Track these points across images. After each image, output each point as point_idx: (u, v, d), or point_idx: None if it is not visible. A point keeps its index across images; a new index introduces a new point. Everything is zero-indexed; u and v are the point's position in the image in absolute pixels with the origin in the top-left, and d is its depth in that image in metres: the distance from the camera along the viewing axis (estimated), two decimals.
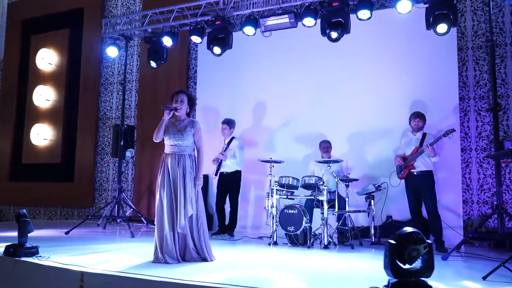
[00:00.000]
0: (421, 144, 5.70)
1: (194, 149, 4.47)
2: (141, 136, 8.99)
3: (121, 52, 8.16)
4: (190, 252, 4.33)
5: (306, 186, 5.89)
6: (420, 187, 5.65)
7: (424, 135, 5.78)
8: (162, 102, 9.14)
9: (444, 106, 6.25)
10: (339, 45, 6.79)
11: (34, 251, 4.43)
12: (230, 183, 6.85)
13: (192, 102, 4.55)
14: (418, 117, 5.85)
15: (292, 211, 5.68)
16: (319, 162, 6.13)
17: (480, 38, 6.89)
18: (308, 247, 5.49)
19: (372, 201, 5.93)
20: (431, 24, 5.43)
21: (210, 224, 7.52)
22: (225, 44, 6.50)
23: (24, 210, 4.57)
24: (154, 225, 4.35)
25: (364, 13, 5.58)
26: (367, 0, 5.48)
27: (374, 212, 5.93)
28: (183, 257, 4.35)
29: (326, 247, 5.46)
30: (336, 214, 5.81)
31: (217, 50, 6.59)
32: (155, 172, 8.98)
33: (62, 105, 10.34)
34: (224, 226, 6.86)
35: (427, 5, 5.41)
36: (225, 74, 8.00)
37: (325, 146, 6.42)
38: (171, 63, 8.57)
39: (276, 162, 6.16)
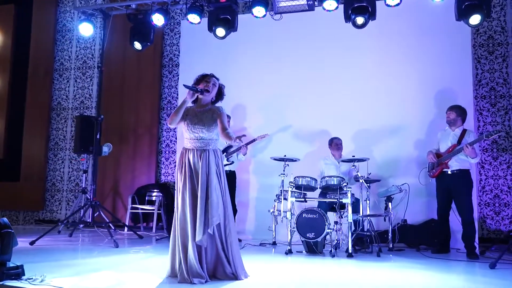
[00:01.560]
0: (459, 141, 5.23)
1: (217, 143, 3.71)
2: (105, 130, 7.88)
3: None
4: (223, 266, 3.56)
5: (326, 188, 5.29)
6: (454, 189, 5.19)
7: (464, 131, 5.29)
8: (130, 92, 8.39)
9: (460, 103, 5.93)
10: (346, 37, 6.43)
11: (19, 272, 3.44)
12: (229, 184, 6.09)
13: (220, 92, 3.79)
14: (450, 109, 5.38)
15: (313, 216, 5.06)
16: (345, 161, 5.56)
17: (482, 36, 6.74)
18: (333, 256, 4.90)
19: (390, 203, 5.48)
20: (462, 14, 5.06)
21: None
22: (230, 26, 5.72)
23: (6, 219, 3.53)
24: (128, 231, 3.49)
25: None
26: None
27: (392, 216, 5.49)
28: (214, 274, 3.57)
29: (350, 255, 4.91)
30: (359, 218, 5.27)
31: (220, 32, 5.79)
32: (121, 171, 7.99)
33: (5, 92, 8.90)
34: None
35: None
36: (214, 62, 7.18)
37: (338, 143, 5.89)
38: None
39: (291, 160, 5.52)
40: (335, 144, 5.88)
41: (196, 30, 6.88)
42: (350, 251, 4.92)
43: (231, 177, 6.15)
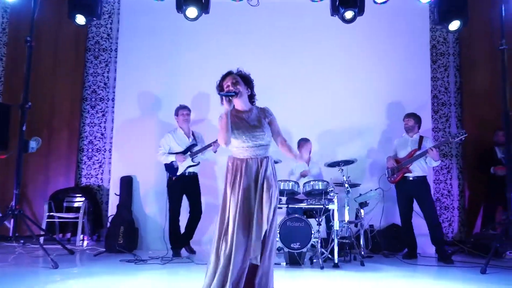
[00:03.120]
0: (419, 147, 5.31)
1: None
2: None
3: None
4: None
5: (310, 193, 4.86)
6: (417, 194, 5.30)
7: (421, 138, 5.43)
8: (45, 76, 6.91)
9: (418, 109, 5.98)
10: (312, 35, 6.16)
11: None
12: (194, 188, 5.38)
13: (248, 81, 3.22)
14: (407, 116, 5.52)
15: (298, 224, 4.60)
16: (329, 165, 5.17)
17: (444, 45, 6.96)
18: (322, 268, 4.48)
19: (363, 209, 5.27)
20: (442, 19, 5.08)
21: (135, 242, 5.77)
22: (203, 6, 4.98)
23: None
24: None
25: None
26: None
27: (365, 222, 5.29)
28: None
29: (336, 265, 4.56)
30: (345, 225, 4.94)
31: (192, 12, 5.00)
32: (31, 172, 6.62)
33: None
34: (177, 244, 5.30)
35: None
36: (161, 50, 6.32)
37: (309, 144, 5.50)
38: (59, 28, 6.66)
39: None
40: (307, 146, 5.50)
41: (145, 9, 6.03)
42: (336, 261, 4.57)
43: (195, 181, 5.40)
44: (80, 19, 5.26)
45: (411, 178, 5.28)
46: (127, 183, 5.99)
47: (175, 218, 5.33)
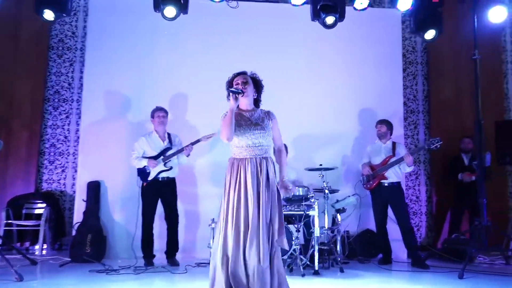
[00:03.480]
0: (393, 153, 5.37)
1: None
2: None
3: None
4: None
5: (290, 199, 4.76)
6: (392, 200, 5.35)
7: (394, 144, 5.49)
8: (2, 73, 6.43)
9: (391, 116, 6.05)
10: (288, 40, 6.12)
11: None
12: (169, 193, 5.15)
13: (258, 85, 3.30)
14: (380, 123, 5.57)
15: None
16: (312, 169, 5.09)
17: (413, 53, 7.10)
18: (303, 275, 4.40)
19: (339, 215, 5.25)
20: (419, 28, 5.18)
21: (103, 251, 5.47)
22: (182, 6, 4.80)
23: None
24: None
25: (361, 2, 4.91)
26: None
27: (341, 228, 5.28)
28: None
29: (317, 272, 4.50)
30: (325, 231, 4.88)
31: (170, 12, 4.81)
32: None
33: None
34: (150, 253, 5.07)
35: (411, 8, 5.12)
36: (134, 49, 6.06)
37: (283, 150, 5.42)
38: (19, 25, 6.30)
39: None
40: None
41: (116, 7, 5.80)
42: (316, 268, 4.51)
43: (171, 185, 5.18)
44: (49, 15, 4.95)
45: (386, 185, 5.33)
46: (94, 188, 5.68)
47: (148, 224, 5.10)
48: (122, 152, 5.73)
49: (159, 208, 5.24)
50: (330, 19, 4.89)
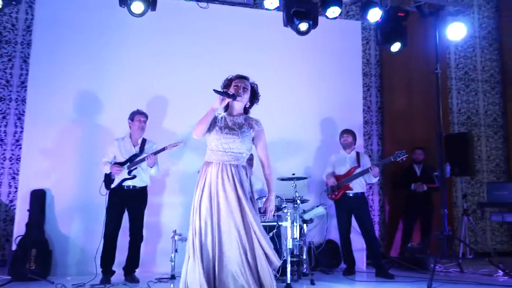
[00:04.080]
0: (359, 164, 5.39)
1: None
2: None
3: None
4: None
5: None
6: (356, 210, 5.36)
7: (358, 154, 5.52)
8: None
9: (351, 126, 6.07)
10: (254, 45, 5.97)
11: None
12: (135, 203, 4.73)
13: (255, 96, 3.24)
14: (345, 133, 5.57)
15: None
16: (284, 179, 4.92)
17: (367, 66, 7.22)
18: None
19: (306, 225, 5.16)
20: (386, 41, 5.26)
21: (49, 267, 4.94)
22: (149, 3, 4.46)
23: None
24: None
25: (333, 11, 4.89)
26: None
27: (309, 239, 5.19)
28: None
29: (289, 286, 4.34)
30: (297, 242, 4.73)
31: (137, 7, 4.44)
32: None
33: None
34: (110, 268, 4.63)
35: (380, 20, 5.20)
36: (88, 46, 5.57)
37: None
38: None
39: None
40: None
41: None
42: (289, 282, 4.35)
43: (139, 195, 4.77)
44: None
45: (351, 195, 5.33)
46: (39, 197, 5.10)
47: (110, 236, 4.64)
48: (72, 157, 5.27)
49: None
50: (303, 26, 4.80)
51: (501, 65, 7.93)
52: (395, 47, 5.33)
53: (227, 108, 3.19)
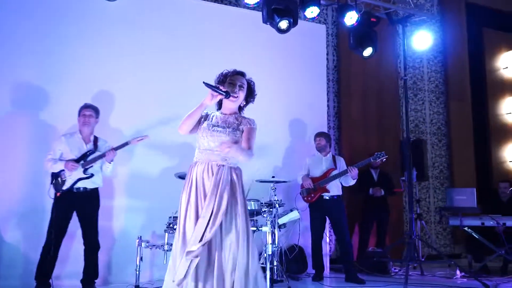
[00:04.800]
0: (335, 166, 5.34)
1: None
2: None
3: None
4: None
5: None
6: (332, 214, 5.27)
7: (334, 157, 5.47)
8: None
9: (317, 129, 6.01)
10: (223, 44, 5.70)
11: None
12: (88, 206, 4.24)
13: (251, 94, 2.97)
14: (319, 136, 5.50)
15: None
16: (263, 181, 4.67)
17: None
18: None
19: (277, 231, 4.98)
20: (358, 45, 5.27)
21: None
22: None
23: None
24: None
25: (312, 11, 4.78)
26: None
27: (281, 245, 5.02)
28: None
29: None
30: (275, 248, 4.52)
31: None
32: None
33: None
34: (46, 280, 4.10)
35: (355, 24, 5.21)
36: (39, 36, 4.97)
37: None
38: None
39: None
40: None
41: None
42: None
43: (92, 198, 4.29)
44: None
45: (327, 198, 5.22)
46: None
47: (52, 244, 4.09)
48: (12, 157, 4.63)
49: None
50: (284, 24, 4.65)
51: (444, 76, 8.37)
52: (367, 51, 5.38)
53: (220, 106, 2.93)
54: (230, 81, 2.82)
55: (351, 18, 5.00)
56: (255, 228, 4.24)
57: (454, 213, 5.71)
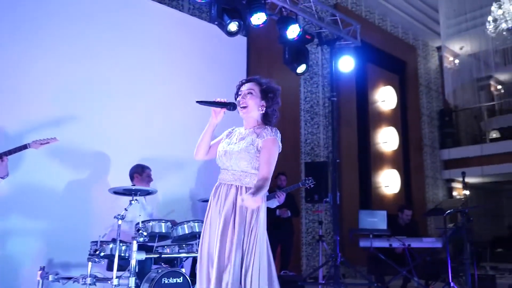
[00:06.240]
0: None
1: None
2: None
3: None
4: None
5: (181, 237, 3.63)
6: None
7: None
8: None
9: None
10: (127, 35, 5.01)
11: None
12: None
13: (267, 97, 2.52)
14: None
15: (176, 280, 3.37)
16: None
17: None
18: None
19: None
20: (292, 61, 5.10)
21: None
22: None
23: None
24: None
25: (258, 17, 4.44)
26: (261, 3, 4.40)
27: None
28: None
29: None
30: None
31: None
32: None
33: None
34: None
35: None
36: None
37: (150, 173, 4.24)
38: None
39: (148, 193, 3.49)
40: (147, 175, 4.19)
41: None
42: None
43: None
44: None
45: None
46: None
47: None
48: None
49: None
50: (233, 26, 4.20)
51: (337, 103, 8.76)
52: (301, 68, 5.24)
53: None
54: (240, 93, 2.54)
55: (293, 31, 4.80)
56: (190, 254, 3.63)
57: (365, 235, 5.83)
